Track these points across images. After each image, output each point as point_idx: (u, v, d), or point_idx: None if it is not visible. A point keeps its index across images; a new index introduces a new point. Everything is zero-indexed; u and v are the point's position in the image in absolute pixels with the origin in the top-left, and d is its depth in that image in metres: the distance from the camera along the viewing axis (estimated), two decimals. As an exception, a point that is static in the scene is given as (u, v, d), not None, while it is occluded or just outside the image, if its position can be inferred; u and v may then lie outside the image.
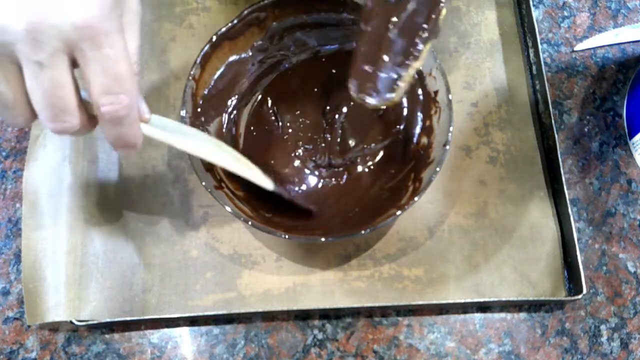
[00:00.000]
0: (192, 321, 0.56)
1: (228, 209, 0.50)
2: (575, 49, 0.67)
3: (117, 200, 0.58)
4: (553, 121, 0.60)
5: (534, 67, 0.65)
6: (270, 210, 0.56)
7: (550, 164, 0.61)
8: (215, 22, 0.66)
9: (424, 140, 0.57)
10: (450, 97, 0.54)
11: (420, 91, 0.58)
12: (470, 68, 0.65)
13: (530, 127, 0.63)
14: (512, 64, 0.66)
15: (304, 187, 0.59)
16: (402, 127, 0.59)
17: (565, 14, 0.68)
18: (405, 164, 0.57)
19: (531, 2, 0.66)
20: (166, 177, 0.59)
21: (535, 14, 0.68)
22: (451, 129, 0.52)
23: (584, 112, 0.64)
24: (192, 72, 0.54)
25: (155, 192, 0.59)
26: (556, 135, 0.60)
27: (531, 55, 0.65)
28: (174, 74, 0.64)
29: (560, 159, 0.59)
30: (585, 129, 0.63)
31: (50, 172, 0.57)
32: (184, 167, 0.60)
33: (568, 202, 0.57)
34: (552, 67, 0.66)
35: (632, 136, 0.62)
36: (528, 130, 0.62)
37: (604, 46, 0.67)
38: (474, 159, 0.61)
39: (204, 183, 0.51)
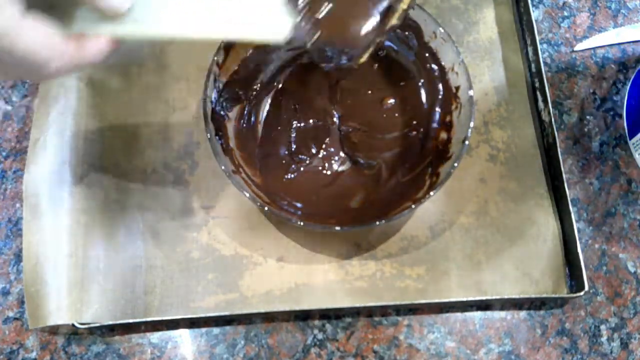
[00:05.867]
0: (192, 322, 0.56)
1: (246, 194, 0.51)
2: (575, 49, 0.67)
3: (118, 203, 0.58)
4: (553, 118, 0.60)
5: (532, 65, 0.65)
6: (284, 197, 0.56)
7: (550, 162, 0.61)
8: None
9: (443, 135, 0.57)
10: (471, 93, 0.54)
11: (440, 86, 0.58)
12: (469, 66, 0.64)
13: (530, 125, 0.63)
14: (511, 62, 0.66)
15: (320, 178, 0.59)
16: (419, 121, 0.60)
17: (565, 14, 0.68)
18: (423, 158, 0.58)
19: (529, 0, 0.66)
20: (167, 178, 0.59)
21: (535, 14, 0.68)
22: (471, 124, 0.53)
23: (584, 112, 0.64)
24: (215, 58, 0.54)
25: (156, 194, 0.59)
26: (556, 133, 0.60)
27: (530, 53, 0.65)
28: (173, 76, 0.63)
29: (560, 156, 0.59)
30: (585, 129, 0.63)
31: (51, 175, 0.57)
32: (184, 168, 0.60)
33: (568, 198, 0.57)
34: (552, 67, 0.66)
35: (632, 136, 0.62)
36: (528, 128, 0.63)
37: (604, 46, 0.67)
38: (474, 157, 0.61)
39: (223, 167, 0.51)
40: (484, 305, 0.57)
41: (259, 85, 0.60)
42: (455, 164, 0.52)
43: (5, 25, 0.33)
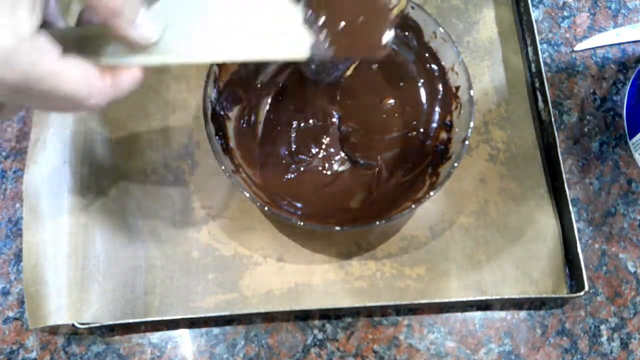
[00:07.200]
0: (192, 322, 0.56)
1: (246, 194, 0.51)
2: (575, 49, 0.67)
3: (118, 203, 0.58)
4: (552, 118, 0.60)
5: (532, 65, 0.65)
6: (284, 197, 0.56)
7: (550, 162, 0.61)
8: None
9: (443, 135, 0.57)
10: (471, 92, 0.54)
11: (440, 86, 0.58)
12: (469, 66, 0.64)
13: (530, 125, 0.63)
14: (511, 62, 0.66)
15: (320, 178, 0.59)
16: (419, 121, 0.60)
17: (565, 14, 0.68)
18: (423, 158, 0.58)
19: (529, 0, 0.66)
20: (166, 178, 0.59)
21: (535, 14, 0.68)
22: (471, 124, 0.53)
23: (584, 112, 0.64)
24: None
25: (156, 194, 0.59)
26: (555, 133, 0.60)
27: (530, 53, 0.65)
28: (173, 76, 0.63)
29: (560, 156, 0.59)
30: (585, 129, 0.63)
31: (51, 175, 0.57)
32: (184, 168, 0.60)
33: (568, 198, 0.57)
34: (552, 67, 0.66)
35: (632, 136, 0.62)
36: (528, 128, 0.63)
37: (604, 46, 0.67)
38: (474, 157, 0.61)
39: (223, 167, 0.51)
40: (484, 305, 0.57)
41: (259, 85, 0.60)
42: (455, 164, 0.52)
43: (48, 70, 0.34)
